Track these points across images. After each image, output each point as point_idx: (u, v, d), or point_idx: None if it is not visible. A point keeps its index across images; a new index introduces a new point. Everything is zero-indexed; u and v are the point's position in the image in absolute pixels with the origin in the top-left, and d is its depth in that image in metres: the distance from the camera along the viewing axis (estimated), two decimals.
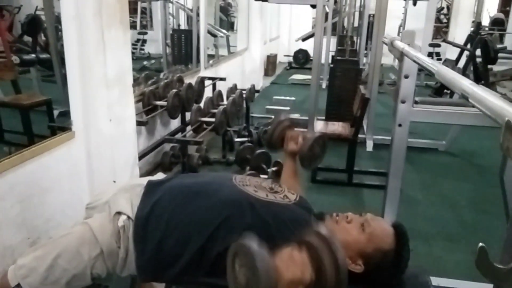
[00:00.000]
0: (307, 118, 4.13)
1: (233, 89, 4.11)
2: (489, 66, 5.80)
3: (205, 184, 1.32)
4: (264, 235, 1.01)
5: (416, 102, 1.83)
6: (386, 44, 2.03)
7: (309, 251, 0.95)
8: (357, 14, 7.85)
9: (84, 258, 1.22)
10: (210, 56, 4.98)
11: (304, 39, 6.90)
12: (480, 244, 0.56)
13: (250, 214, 1.19)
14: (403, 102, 1.75)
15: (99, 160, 2.15)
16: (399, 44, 1.76)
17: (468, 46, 6.51)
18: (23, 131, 2.94)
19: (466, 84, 0.73)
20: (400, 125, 1.78)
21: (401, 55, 1.71)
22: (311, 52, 6.99)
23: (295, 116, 4.32)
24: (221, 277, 1.20)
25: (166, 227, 1.22)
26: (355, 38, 7.39)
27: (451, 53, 7.34)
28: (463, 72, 5.61)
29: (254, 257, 0.86)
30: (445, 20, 10.75)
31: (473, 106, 0.69)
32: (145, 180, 1.41)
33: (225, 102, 3.67)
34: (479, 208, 2.96)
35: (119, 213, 1.26)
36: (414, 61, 1.46)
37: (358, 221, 1.25)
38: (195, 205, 1.24)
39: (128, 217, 1.26)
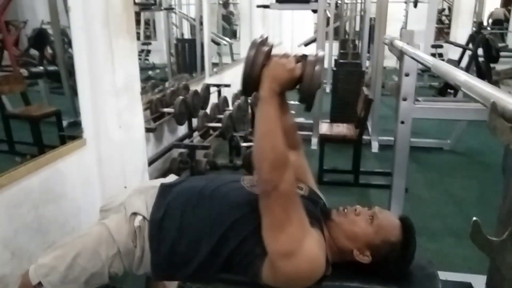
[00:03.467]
0: (311, 121, 4.18)
1: (238, 95, 4.17)
2: (492, 65, 5.82)
3: (215, 187, 1.35)
4: None
5: (417, 101, 1.87)
6: (386, 44, 2.07)
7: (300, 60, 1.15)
8: (358, 18, 7.92)
9: (102, 257, 1.27)
10: (214, 65, 5.04)
11: (306, 44, 6.96)
12: (474, 218, 0.60)
13: (257, 214, 1.23)
14: (404, 99, 1.79)
15: (110, 166, 2.20)
16: (399, 43, 1.81)
17: (470, 45, 6.54)
18: (34, 142, 3.01)
19: (458, 74, 0.78)
20: (402, 122, 1.82)
21: (401, 54, 1.76)
22: None
23: (300, 120, 4.36)
24: (234, 273, 1.26)
25: (179, 229, 1.27)
26: (357, 42, 7.45)
27: (454, 53, 7.37)
28: (466, 71, 5.62)
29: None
30: (446, 21, 10.79)
31: (467, 96, 0.74)
32: (158, 182, 1.45)
33: (230, 107, 3.72)
34: (485, 205, 2.98)
35: (135, 214, 1.31)
36: (413, 58, 1.51)
37: (366, 213, 1.29)
38: (206, 208, 1.28)
39: (144, 218, 1.30)
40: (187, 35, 5.65)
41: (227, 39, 6.10)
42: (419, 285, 1.29)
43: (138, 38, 7.29)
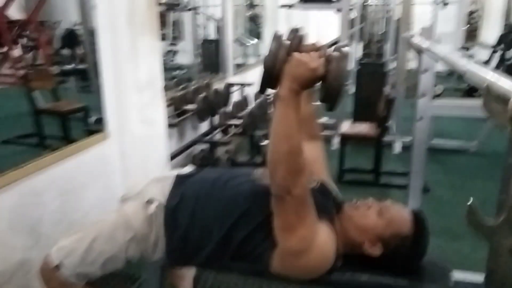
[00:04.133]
0: (334, 120, 4.17)
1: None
2: None
3: (228, 178, 1.39)
4: None
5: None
6: (405, 41, 2.06)
7: (324, 56, 1.08)
8: (384, 20, 7.82)
9: (118, 241, 1.32)
10: (239, 66, 5.10)
11: (331, 46, 6.93)
12: (470, 201, 0.61)
13: (268, 205, 1.25)
14: (422, 96, 1.78)
15: (132, 160, 2.27)
16: (417, 40, 1.80)
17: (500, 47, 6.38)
18: (62, 136, 3.13)
19: (462, 61, 0.79)
20: (420, 118, 1.81)
21: (419, 51, 1.75)
22: None
23: (322, 119, 4.36)
24: (246, 260, 1.29)
25: (192, 217, 1.31)
26: (382, 44, 7.36)
27: (483, 56, 7.20)
28: None
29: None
30: (477, 23, 10.53)
31: (470, 81, 0.75)
32: (175, 172, 1.51)
33: (252, 105, 3.76)
34: None
35: (151, 201, 1.36)
36: (429, 54, 1.50)
37: (378, 206, 1.30)
38: (218, 198, 1.32)
39: (160, 205, 1.35)
40: (212, 36, 5.72)
41: (252, 39, 6.16)
42: (430, 281, 1.28)
43: (165, 39, 7.43)
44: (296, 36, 1.13)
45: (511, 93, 0.50)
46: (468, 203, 0.61)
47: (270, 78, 1.09)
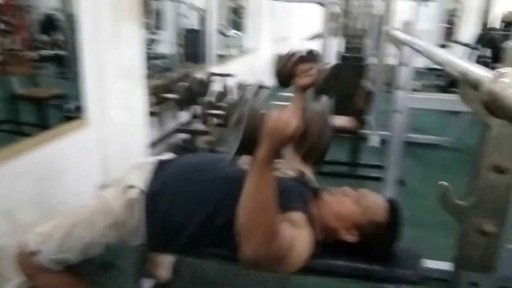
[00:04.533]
0: None
1: (241, 85, 4.21)
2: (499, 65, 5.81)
3: (209, 163, 1.41)
4: None
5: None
6: (386, 35, 2.10)
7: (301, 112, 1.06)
8: (365, 15, 7.90)
9: (98, 227, 1.32)
10: (220, 57, 5.09)
11: (312, 38, 6.97)
12: (441, 182, 0.64)
13: None
14: (400, 89, 1.82)
15: (111, 147, 2.26)
16: (397, 33, 1.84)
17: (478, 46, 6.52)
18: (39, 122, 3.07)
19: (439, 52, 0.82)
20: (398, 111, 1.86)
21: (399, 45, 1.79)
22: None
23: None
24: (225, 247, 1.30)
25: (174, 200, 1.32)
26: (363, 39, 7.43)
27: (461, 54, 7.37)
28: None
29: (248, 104, 1.02)
30: (456, 22, 10.73)
31: (446, 70, 0.78)
32: (154, 159, 1.51)
33: (234, 97, 3.77)
34: None
35: (131, 186, 1.36)
36: (409, 46, 1.54)
37: (354, 194, 1.33)
38: (201, 181, 1.33)
39: (140, 190, 1.35)
40: (195, 26, 5.67)
41: (235, 31, 6.14)
42: (403, 265, 1.33)
43: (148, 28, 7.32)
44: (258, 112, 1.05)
45: (485, 79, 0.53)
46: (440, 183, 0.64)
47: (248, 144, 1.03)
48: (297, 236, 1.17)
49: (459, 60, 0.71)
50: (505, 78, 0.52)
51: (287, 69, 1.52)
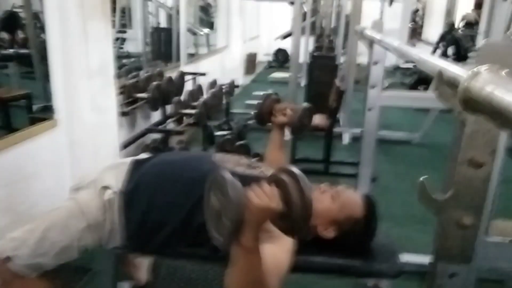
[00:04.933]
0: None
1: (213, 83, 4.19)
2: (461, 64, 6.03)
3: (187, 160, 1.40)
4: None
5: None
6: (357, 34, 2.14)
7: (278, 185, 1.03)
8: (334, 14, 8.03)
9: (72, 230, 1.28)
10: (191, 55, 5.05)
11: (283, 38, 7.03)
12: (420, 178, 0.66)
13: None
14: (372, 87, 1.86)
15: (82, 149, 2.20)
16: (368, 32, 1.88)
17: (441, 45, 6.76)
18: (2, 124, 2.95)
19: (413, 52, 0.84)
20: (370, 109, 1.90)
21: (370, 43, 1.83)
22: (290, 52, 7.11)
23: None
24: (203, 247, 1.29)
25: (150, 200, 1.30)
26: (333, 38, 7.56)
27: (426, 53, 7.60)
28: None
29: (228, 185, 0.95)
30: (420, 22, 11.07)
31: (420, 68, 0.80)
32: (129, 159, 1.48)
33: (205, 96, 3.74)
34: None
35: (105, 188, 1.33)
36: (381, 45, 1.58)
37: (331, 191, 1.35)
38: (178, 180, 1.32)
39: (114, 191, 1.33)
40: (163, 24, 5.60)
41: (203, 29, 6.10)
42: (380, 259, 1.36)
43: (113, 27, 7.16)
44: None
45: (461, 77, 0.55)
46: (420, 180, 0.66)
47: (235, 233, 0.98)
48: (278, 258, 1.17)
49: (435, 59, 0.73)
50: (481, 76, 0.54)
51: (265, 109, 1.66)
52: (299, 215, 0.98)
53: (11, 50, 4.43)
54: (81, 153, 2.19)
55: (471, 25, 10.02)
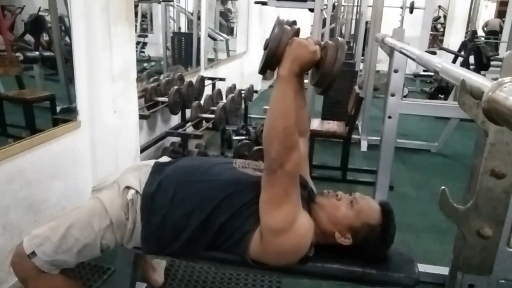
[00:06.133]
0: None
1: (232, 88, 4.23)
2: (482, 72, 5.94)
3: (209, 165, 1.41)
4: None
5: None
6: (378, 41, 2.14)
7: (321, 46, 1.19)
8: (354, 21, 8.01)
9: (94, 228, 1.31)
10: (210, 60, 5.10)
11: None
12: (442, 187, 0.66)
13: (248, 192, 1.29)
14: (392, 95, 1.85)
15: (103, 150, 2.24)
16: (389, 40, 1.88)
17: (462, 53, 6.66)
18: (27, 125, 3.02)
19: (437, 60, 0.85)
20: (390, 117, 1.89)
21: (391, 51, 1.83)
22: None
23: None
24: (221, 250, 1.31)
25: (171, 202, 1.32)
26: (352, 44, 7.54)
27: (447, 61, 7.51)
28: None
29: (276, 23, 1.18)
30: (441, 29, 10.94)
31: (444, 78, 0.81)
32: (152, 161, 1.51)
33: (224, 100, 3.78)
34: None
35: (128, 188, 1.36)
36: (401, 53, 1.58)
37: (348, 198, 1.35)
38: (199, 183, 1.34)
39: (136, 192, 1.35)
40: (184, 29, 5.68)
41: (224, 35, 6.15)
42: (397, 269, 1.35)
43: (135, 31, 7.29)
44: (293, 26, 1.22)
45: (485, 87, 0.55)
46: (442, 188, 0.66)
47: (272, 60, 1.16)
48: (304, 214, 1.24)
49: (458, 68, 0.73)
50: (505, 86, 0.54)
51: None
52: (329, 69, 1.13)
53: (36, 53, 4.54)
54: (102, 154, 2.24)
55: (494, 33, 9.87)
